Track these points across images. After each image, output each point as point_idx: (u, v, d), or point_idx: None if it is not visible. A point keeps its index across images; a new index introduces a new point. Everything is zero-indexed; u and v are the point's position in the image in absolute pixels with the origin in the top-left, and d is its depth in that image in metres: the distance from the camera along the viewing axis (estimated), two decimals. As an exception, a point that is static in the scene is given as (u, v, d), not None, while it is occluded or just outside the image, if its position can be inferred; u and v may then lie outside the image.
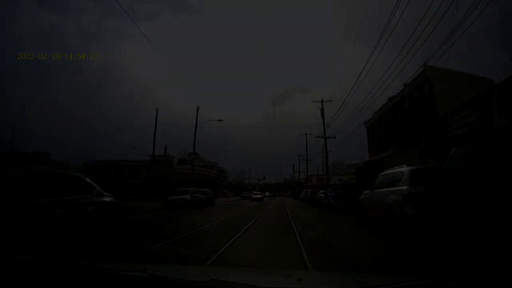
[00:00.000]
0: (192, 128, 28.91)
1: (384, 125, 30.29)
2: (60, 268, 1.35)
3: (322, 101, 30.55)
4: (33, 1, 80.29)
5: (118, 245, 4.69)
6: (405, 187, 6.99)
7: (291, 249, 5.63)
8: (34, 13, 76.58)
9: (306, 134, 43.77)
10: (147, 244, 5.56)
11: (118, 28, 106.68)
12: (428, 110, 19.69)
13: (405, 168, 7.62)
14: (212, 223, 10.45)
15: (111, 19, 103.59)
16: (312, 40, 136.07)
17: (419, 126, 19.74)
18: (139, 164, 41.74)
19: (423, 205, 5.75)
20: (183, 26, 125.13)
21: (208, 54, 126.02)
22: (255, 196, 42.86)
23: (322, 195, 20.40)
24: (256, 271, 2.38)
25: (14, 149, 26.76)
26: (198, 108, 29.43)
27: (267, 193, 71.08)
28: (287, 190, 78.74)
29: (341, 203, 15.73)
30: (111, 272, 1.40)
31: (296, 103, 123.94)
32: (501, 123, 11.25)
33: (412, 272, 3.72)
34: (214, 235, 7.60)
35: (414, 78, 20.75)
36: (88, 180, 4.74)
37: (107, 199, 4.86)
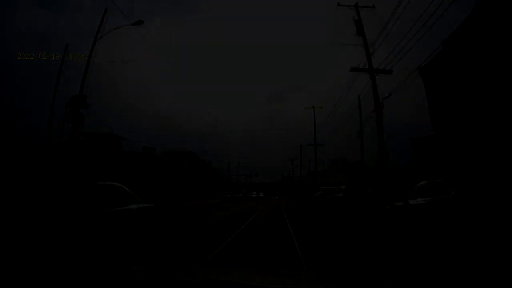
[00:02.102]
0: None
1: (475, 60, 12.43)
2: (60, 268, 1.37)
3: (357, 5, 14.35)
4: (32, 1, 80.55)
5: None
6: None
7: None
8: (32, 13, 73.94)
9: (313, 108, 33.65)
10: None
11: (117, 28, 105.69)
12: None
13: None
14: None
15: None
16: (311, 38, 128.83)
17: None
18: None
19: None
20: (181, 25, 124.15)
21: (206, 53, 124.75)
22: None
23: None
24: (256, 272, 2.33)
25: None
26: (105, 10, 15.02)
27: (254, 194, 47.99)
28: (285, 192, 63.10)
29: None
30: (112, 272, 1.42)
31: (292, 102, 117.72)
32: None
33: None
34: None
35: None
36: None
37: None
